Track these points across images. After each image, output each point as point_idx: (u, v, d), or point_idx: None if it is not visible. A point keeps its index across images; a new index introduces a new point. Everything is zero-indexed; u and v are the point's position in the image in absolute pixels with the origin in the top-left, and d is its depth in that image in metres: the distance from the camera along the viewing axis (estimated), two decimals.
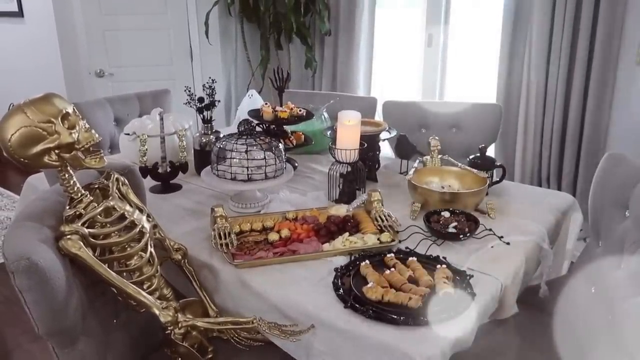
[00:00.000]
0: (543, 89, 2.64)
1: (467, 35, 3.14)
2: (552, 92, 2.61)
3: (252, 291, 1.26)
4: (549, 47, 2.57)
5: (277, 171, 1.61)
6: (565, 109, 2.61)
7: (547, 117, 2.66)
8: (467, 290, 1.17)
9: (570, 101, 2.58)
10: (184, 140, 1.86)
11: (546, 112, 2.66)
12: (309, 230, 1.46)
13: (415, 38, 3.28)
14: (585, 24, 2.42)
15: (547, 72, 2.61)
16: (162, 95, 2.69)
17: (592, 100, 2.51)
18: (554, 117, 2.63)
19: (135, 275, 1.21)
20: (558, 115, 2.61)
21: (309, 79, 3.62)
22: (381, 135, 1.92)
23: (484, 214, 1.59)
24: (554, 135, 2.65)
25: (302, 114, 1.91)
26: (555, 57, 2.55)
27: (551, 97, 2.62)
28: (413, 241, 1.43)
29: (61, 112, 1.07)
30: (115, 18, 3.35)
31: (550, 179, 2.72)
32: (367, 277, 1.22)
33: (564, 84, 2.56)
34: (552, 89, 2.61)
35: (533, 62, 2.62)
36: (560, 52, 2.53)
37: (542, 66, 2.60)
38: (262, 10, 3.43)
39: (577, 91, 2.53)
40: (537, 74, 2.62)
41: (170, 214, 1.64)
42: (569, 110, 2.59)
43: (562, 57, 2.53)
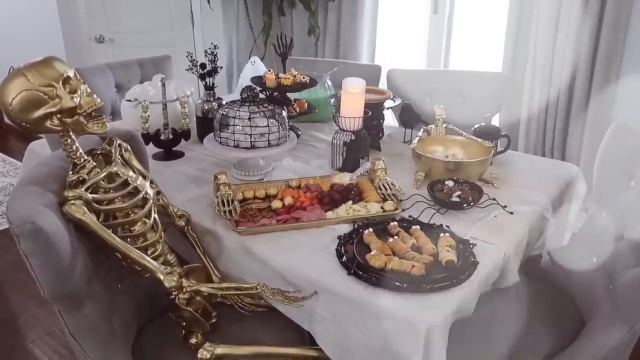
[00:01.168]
0: (550, 57, 2.59)
1: (474, 2, 3.07)
2: (559, 60, 2.56)
3: (255, 258, 1.27)
4: (557, 13, 2.51)
5: (281, 139, 1.60)
6: (572, 78, 2.57)
7: (553, 87, 2.62)
8: (469, 259, 1.18)
9: (577, 70, 2.54)
10: (186, 107, 1.85)
11: (552, 82, 2.62)
12: (313, 198, 1.46)
13: (420, 5, 3.21)
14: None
15: (555, 40, 2.56)
16: (163, 61, 2.65)
17: (599, 70, 2.46)
18: (559, 86, 2.59)
19: (139, 241, 1.21)
20: (564, 84, 2.57)
21: (312, 45, 3.57)
22: (385, 103, 1.90)
23: (487, 184, 1.58)
24: (559, 105, 2.62)
25: (306, 81, 1.88)
26: (563, 24, 2.50)
27: (558, 66, 2.58)
28: (416, 210, 1.43)
29: (62, 76, 1.05)
30: None
31: (555, 149, 2.70)
32: (370, 245, 1.22)
33: (571, 52, 2.51)
34: (559, 58, 2.56)
35: (540, 30, 2.57)
36: (569, 18, 2.47)
37: (550, 34, 2.55)
38: None
39: (584, 59, 2.49)
40: (545, 41, 2.57)
41: (173, 181, 1.64)
42: (576, 79, 2.55)
43: (570, 24, 2.48)
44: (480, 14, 3.08)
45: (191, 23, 3.52)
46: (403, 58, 3.48)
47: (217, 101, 1.94)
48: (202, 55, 1.97)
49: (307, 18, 3.42)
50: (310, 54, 3.59)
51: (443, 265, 1.15)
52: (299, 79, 1.87)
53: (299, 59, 2.71)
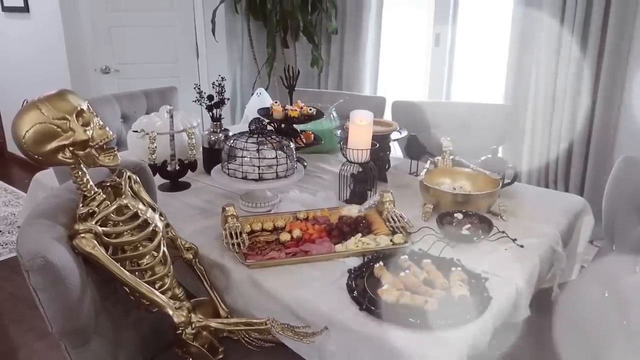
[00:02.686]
0: (552, 89, 2.62)
1: (475, 35, 3.12)
2: (561, 92, 2.59)
3: (263, 291, 1.25)
4: (558, 47, 2.56)
5: (288, 170, 1.60)
6: (573, 109, 2.59)
7: (555, 118, 2.64)
8: (482, 294, 1.16)
9: (579, 102, 2.56)
10: (193, 138, 1.85)
11: (554, 113, 2.65)
12: (321, 231, 1.45)
13: (422, 37, 3.27)
14: (596, 24, 2.40)
15: (556, 73, 2.59)
16: (169, 92, 2.67)
17: (601, 102, 2.49)
18: (562, 118, 2.62)
19: (147, 275, 1.20)
20: (566, 116, 2.60)
21: (315, 77, 3.61)
22: (392, 135, 1.91)
23: (496, 216, 1.58)
24: (562, 136, 2.63)
25: (313, 113, 1.89)
26: (564, 57, 2.54)
27: (560, 98, 2.60)
28: (426, 243, 1.41)
29: (76, 109, 1.06)
30: (122, 15, 3.34)
31: (558, 180, 2.71)
32: (381, 279, 1.21)
33: (573, 84, 2.54)
34: (560, 90, 2.59)
35: (542, 62, 2.61)
36: (570, 52, 2.51)
37: (551, 66, 2.59)
38: (268, 8, 3.41)
39: (586, 92, 2.52)
40: (546, 74, 2.61)
41: (180, 212, 1.63)
42: (578, 111, 2.58)
43: (571, 57, 2.52)
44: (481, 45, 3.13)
45: (196, 55, 3.57)
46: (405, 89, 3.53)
47: (223, 132, 1.95)
48: (207, 87, 1.98)
49: (310, 50, 3.47)
50: (313, 85, 3.63)
51: (456, 300, 1.13)
52: (306, 110, 1.88)
53: (304, 90, 2.74)
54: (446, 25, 3.10)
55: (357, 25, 3.26)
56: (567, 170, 2.68)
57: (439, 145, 1.80)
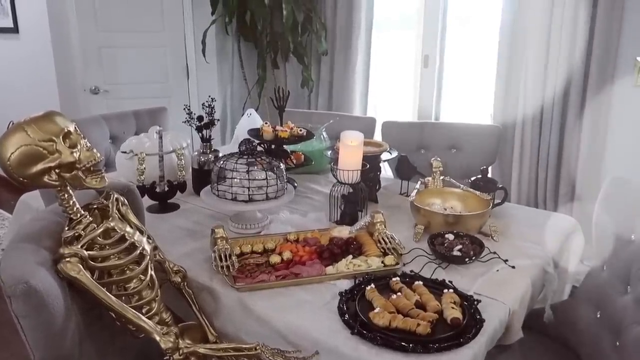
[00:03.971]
0: (539, 109, 2.65)
1: (463, 56, 3.16)
2: (549, 113, 2.62)
3: (253, 315, 1.23)
4: (545, 67, 2.59)
5: (279, 191, 1.59)
6: (561, 130, 2.62)
7: (544, 138, 2.67)
8: (475, 316, 1.15)
9: (566, 122, 2.59)
10: (182, 159, 1.84)
11: (542, 133, 2.67)
12: (312, 253, 1.44)
13: (411, 59, 3.30)
14: (581, 45, 2.44)
15: (544, 93, 2.62)
16: (159, 113, 2.67)
17: (588, 122, 2.52)
18: (550, 138, 2.64)
19: (134, 299, 1.17)
20: (554, 136, 2.62)
21: (305, 97, 3.62)
22: (382, 156, 1.91)
23: (487, 237, 1.57)
24: (550, 156, 2.65)
25: (303, 133, 1.89)
26: (551, 77, 2.57)
27: (547, 118, 2.63)
28: (417, 264, 1.40)
29: (63, 131, 1.05)
30: (111, 35, 3.34)
31: (547, 200, 2.72)
32: (373, 301, 1.19)
33: (560, 105, 2.58)
34: (548, 110, 2.62)
35: (529, 83, 2.64)
36: (557, 72, 2.55)
37: (538, 87, 2.62)
38: (259, 29, 3.44)
39: (573, 112, 2.55)
40: (534, 94, 2.64)
41: (168, 234, 1.61)
42: (565, 131, 2.60)
43: (558, 77, 2.55)
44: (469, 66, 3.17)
45: (186, 75, 3.57)
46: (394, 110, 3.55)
47: (213, 153, 1.94)
48: (197, 107, 1.98)
49: (300, 71, 3.49)
50: (303, 106, 3.64)
51: (448, 323, 1.12)
52: (296, 131, 1.88)
53: (294, 111, 2.74)
54: (434, 46, 3.14)
55: (347, 46, 3.29)
56: (556, 190, 2.70)
57: (429, 165, 1.80)
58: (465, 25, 3.13)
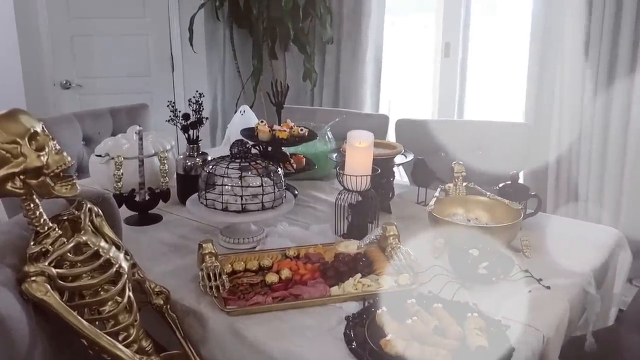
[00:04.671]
0: (579, 106, 2.65)
1: (490, 43, 3.17)
2: (590, 110, 2.62)
3: (246, 343, 1.24)
4: (585, 57, 2.59)
5: (276, 200, 1.60)
6: (604, 130, 2.62)
7: (584, 139, 2.67)
8: (503, 344, 1.15)
9: (610, 121, 2.59)
10: (165, 163, 1.86)
11: (583, 133, 2.67)
12: (314, 271, 1.45)
13: (430, 47, 3.32)
14: (627, 31, 2.45)
15: (584, 87, 2.63)
16: (139, 110, 2.69)
17: (636, 121, 2.52)
18: (592, 137, 2.64)
19: (109, 325, 1.18)
20: (597, 137, 2.62)
21: (308, 92, 3.65)
22: (396, 159, 1.92)
23: (518, 252, 1.58)
24: (592, 159, 2.65)
25: (304, 134, 1.91)
26: (592, 69, 2.58)
27: (588, 116, 2.63)
28: (436, 284, 1.41)
29: (28, 132, 1.06)
30: (86, 22, 3.38)
31: (589, 210, 2.72)
32: (384, 327, 1.20)
33: (603, 100, 2.58)
34: (589, 107, 2.62)
35: (567, 75, 2.65)
36: (599, 63, 2.55)
37: (577, 80, 2.63)
38: (254, 14, 3.47)
39: (618, 109, 2.55)
40: (572, 88, 2.64)
41: (149, 249, 1.63)
42: (609, 131, 2.61)
43: (600, 69, 2.56)
44: (497, 56, 3.18)
45: (171, 67, 3.60)
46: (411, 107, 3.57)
47: (201, 156, 1.96)
48: (184, 104, 2.00)
49: (302, 62, 3.51)
50: (305, 102, 3.67)
51: (472, 352, 1.12)
52: (296, 131, 1.90)
53: (294, 107, 2.77)
54: (457, 33, 3.15)
55: (356, 33, 3.32)
56: (599, 199, 2.69)
57: (450, 170, 1.81)
58: (491, 6, 3.14)
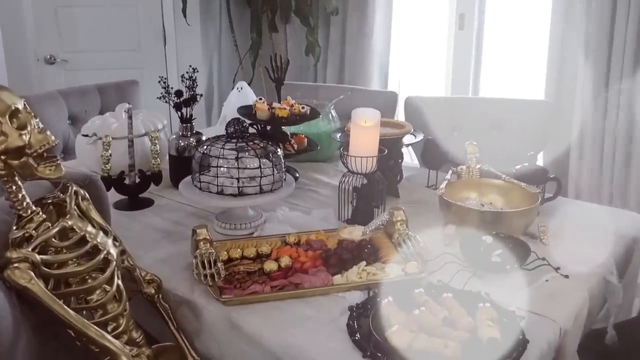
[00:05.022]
0: (604, 83, 2.64)
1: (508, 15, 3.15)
2: (616, 86, 2.61)
3: (243, 335, 1.25)
4: (611, 31, 2.58)
5: (275, 183, 1.61)
6: (631, 109, 2.61)
7: (610, 119, 2.66)
8: (517, 336, 1.16)
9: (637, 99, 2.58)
10: (157, 143, 1.86)
11: (608, 112, 2.66)
12: (316, 259, 1.46)
13: (443, 19, 3.30)
14: None
15: (609, 62, 2.61)
16: (129, 87, 2.70)
17: None
18: (618, 115, 2.63)
19: (97, 314, 1.20)
20: (623, 116, 2.61)
21: (311, 68, 3.64)
22: (404, 139, 1.92)
23: (534, 239, 1.58)
24: (618, 138, 2.64)
25: (306, 112, 1.91)
26: (619, 43, 2.56)
27: (614, 93, 2.62)
28: (447, 273, 1.42)
29: (9, 109, 1.07)
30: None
31: (614, 194, 2.71)
32: (390, 318, 1.21)
33: (630, 76, 2.56)
34: (615, 83, 2.61)
35: (591, 50, 2.63)
36: (626, 37, 2.53)
37: (603, 55, 2.61)
38: None
39: None
40: (597, 64, 2.63)
41: (140, 236, 1.64)
42: (636, 110, 2.59)
43: (627, 43, 2.54)
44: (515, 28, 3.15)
45: (163, 41, 3.59)
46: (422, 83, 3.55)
47: (195, 136, 1.97)
48: (177, 80, 2.00)
49: (304, 35, 3.50)
50: (308, 79, 3.66)
51: (484, 344, 1.13)
52: (297, 109, 1.90)
53: (296, 84, 2.76)
54: (472, 3, 3.13)
55: (363, 4, 3.30)
56: (625, 181, 2.69)
57: (463, 151, 1.81)
58: None
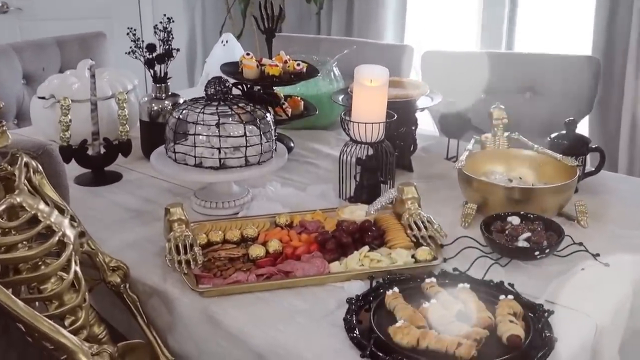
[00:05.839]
0: None
1: None
2: None
3: (223, 331, 1.26)
4: None
5: (264, 154, 1.61)
6: None
7: None
8: (543, 333, 1.17)
9: None
10: (125, 108, 1.87)
11: None
12: (310, 243, 1.46)
13: None
14: None
15: None
16: (94, 40, 2.69)
17: None
18: None
19: (52, 306, 1.21)
20: None
21: (312, 17, 3.62)
22: (419, 102, 1.92)
23: (571, 221, 1.58)
24: None
25: (302, 69, 1.90)
26: None
27: None
28: (465, 260, 1.42)
29: None
30: None
31: None
32: (395, 312, 1.22)
33: None
34: None
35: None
36: None
37: None
38: None
39: None
40: None
41: (105, 215, 1.65)
42: None
43: None
44: None
45: None
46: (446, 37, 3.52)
47: (171, 99, 1.97)
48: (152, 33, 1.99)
49: None
50: (309, 30, 3.64)
51: (504, 343, 1.14)
52: (292, 66, 1.90)
53: (294, 36, 2.75)
54: None
55: None
56: None
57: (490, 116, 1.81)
58: None
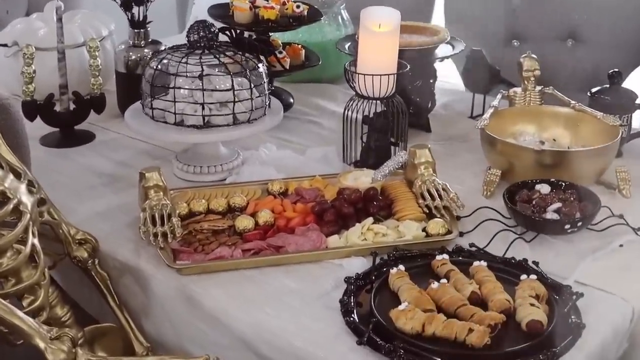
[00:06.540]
0: None
1: None
2: None
3: (204, 314, 1.28)
4: None
5: (255, 111, 1.62)
6: None
7: None
8: (569, 319, 1.17)
9: None
10: (98, 57, 1.87)
11: None
12: (306, 214, 1.47)
13: None
14: None
15: None
16: None
17: None
18: None
19: (8, 284, 1.22)
20: None
21: None
22: (438, 51, 1.91)
23: (611, 190, 1.58)
24: None
25: (301, 12, 1.90)
26: None
27: None
28: (485, 234, 1.42)
29: None
30: None
31: None
32: (399, 293, 1.22)
33: None
34: None
35: None
36: None
37: None
38: None
39: None
40: None
41: (74, 181, 1.67)
42: None
43: None
44: None
45: None
46: None
47: (151, 47, 1.97)
48: None
49: None
50: None
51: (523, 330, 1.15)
52: (291, 8, 1.89)
53: None
54: None
55: None
56: None
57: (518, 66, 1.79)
58: None
